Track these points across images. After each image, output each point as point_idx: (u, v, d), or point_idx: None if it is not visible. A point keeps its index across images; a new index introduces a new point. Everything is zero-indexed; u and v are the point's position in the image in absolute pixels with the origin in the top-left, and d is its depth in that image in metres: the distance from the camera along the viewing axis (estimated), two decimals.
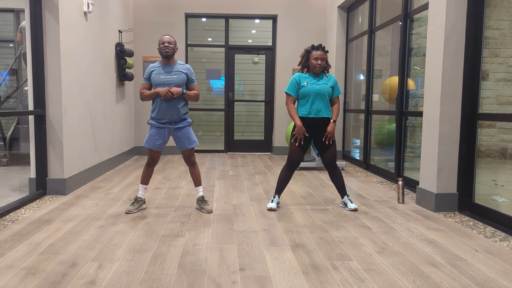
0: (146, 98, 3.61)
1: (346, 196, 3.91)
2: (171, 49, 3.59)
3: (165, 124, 3.63)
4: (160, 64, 3.66)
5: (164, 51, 3.58)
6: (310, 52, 3.76)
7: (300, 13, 7.70)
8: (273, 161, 7.06)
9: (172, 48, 3.60)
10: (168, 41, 3.60)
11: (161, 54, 3.62)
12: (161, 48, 3.60)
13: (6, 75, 6.77)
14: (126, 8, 6.94)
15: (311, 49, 3.77)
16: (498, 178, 4.10)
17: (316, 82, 3.78)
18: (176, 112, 3.61)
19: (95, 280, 2.30)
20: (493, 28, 3.82)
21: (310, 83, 3.76)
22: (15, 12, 7.17)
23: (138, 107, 7.59)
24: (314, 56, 3.72)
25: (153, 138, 3.64)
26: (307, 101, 3.77)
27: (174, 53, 3.65)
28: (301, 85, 3.77)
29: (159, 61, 3.68)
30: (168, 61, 3.64)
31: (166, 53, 3.58)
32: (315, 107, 3.76)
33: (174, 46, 3.63)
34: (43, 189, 4.25)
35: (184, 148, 3.69)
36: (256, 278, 2.36)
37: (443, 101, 3.77)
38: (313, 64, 3.73)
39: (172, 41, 3.63)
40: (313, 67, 3.75)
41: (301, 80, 3.79)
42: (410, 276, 2.40)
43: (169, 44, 3.59)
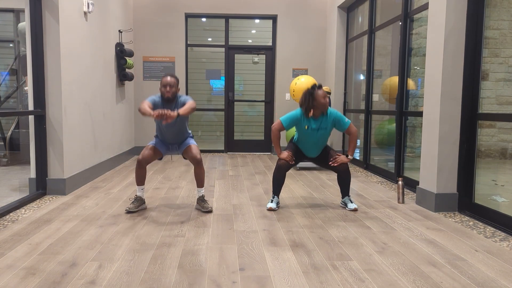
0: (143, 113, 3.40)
1: (347, 196, 3.91)
2: (172, 94, 3.57)
3: (169, 144, 3.81)
4: (161, 101, 3.63)
5: (166, 96, 3.58)
6: (314, 92, 3.67)
7: (300, 13, 7.70)
8: (273, 161, 7.06)
9: (173, 92, 3.58)
10: (170, 84, 3.55)
11: (162, 97, 3.61)
12: (162, 91, 3.59)
13: (6, 75, 6.77)
14: (126, 8, 6.94)
15: (315, 90, 3.67)
16: (498, 178, 4.11)
17: (315, 129, 3.75)
18: (179, 137, 3.76)
19: (95, 280, 2.30)
20: (493, 28, 3.82)
21: (311, 129, 3.75)
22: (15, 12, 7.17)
23: (138, 107, 7.58)
24: (321, 95, 3.66)
25: (158, 144, 3.75)
26: (304, 143, 3.87)
27: (175, 96, 3.62)
28: (301, 126, 3.78)
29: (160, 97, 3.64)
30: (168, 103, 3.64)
31: (167, 97, 3.58)
32: (311, 150, 3.89)
33: (175, 89, 3.59)
34: (43, 189, 4.25)
35: (187, 149, 3.72)
36: (256, 278, 2.36)
37: (443, 101, 3.77)
38: (323, 103, 3.67)
39: (174, 84, 3.58)
40: (323, 106, 3.69)
41: (303, 122, 3.77)
42: (410, 276, 2.40)
43: (171, 87, 3.56)
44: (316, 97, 3.69)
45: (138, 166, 3.68)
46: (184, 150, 3.74)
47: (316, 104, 3.70)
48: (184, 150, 3.75)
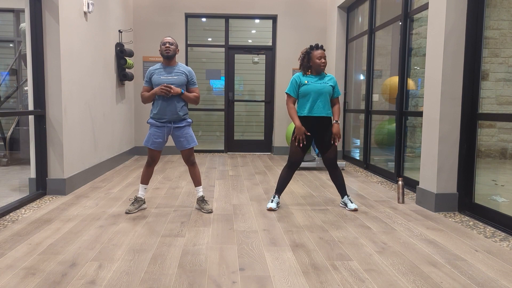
0: (147, 100, 3.62)
1: (346, 196, 3.91)
2: (172, 50, 3.60)
3: (164, 123, 3.64)
4: (161, 65, 3.66)
5: (165, 52, 3.59)
6: (311, 52, 3.77)
7: (300, 13, 7.70)
8: (273, 161, 7.06)
9: (173, 49, 3.61)
10: (170, 41, 3.61)
11: (162, 55, 3.62)
12: (162, 49, 3.61)
13: (6, 75, 6.77)
14: (126, 8, 6.94)
15: (312, 50, 3.77)
16: (498, 178, 4.10)
17: (317, 81, 3.78)
18: (175, 112, 3.62)
19: (95, 280, 2.30)
20: (493, 28, 3.82)
21: (311, 82, 3.77)
22: (15, 12, 7.18)
23: (138, 107, 7.59)
24: (316, 55, 3.73)
25: (153, 137, 3.65)
26: (308, 100, 3.77)
27: (175, 54, 3.65)
28: (302, 83, 3.78)
29: (160, 63, 3.68)
30: (169, 63, 3.64)
31: (167, 54, 3.59)
32: (316, 106, 3.76)
33: (175, 47, 3.63)
34: (43, 189, 4.25)
35: (182, 148, 3.69)
36: (256, 278, 2.36)
37: (443, 101, 3.77)
38: (317, 63, 3.73)
39: (174, 42, 3.64)
40: (318, 66, 3.74)
41: (302, 79, 3.80)
42: (410, 276, 2.40)
43: (171, 45, 3.60)
44: (311, 57, 3.75)
45: (147, 165, 3.72)
46: (179, 145, 3.70)
47: (312, 64, 3.77)
48: (179, 144, 3.70)
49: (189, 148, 3.71)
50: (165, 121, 3.64)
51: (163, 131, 3.66)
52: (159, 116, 3.63)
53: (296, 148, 3.81)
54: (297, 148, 3.80)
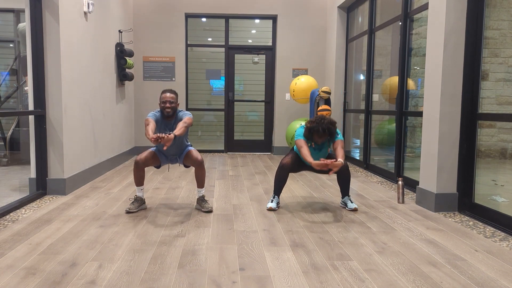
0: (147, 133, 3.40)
1: (347, 196, 3.91)
2: (171, 109, 3.57)
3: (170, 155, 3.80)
4: (161, 117, 3.63)
5: (166, 112, 3.58)
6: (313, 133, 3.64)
7: (300, 13, 7.70)
8: (273, 161, 7.06)
9: (173, 108, 3.58)
10: (170, 100, 3.55)
11: (162, 113, 3.62)
12: (162, 107, 3.58)
13: (6, 75, 6.77)
14: (126, 8, 6.94)
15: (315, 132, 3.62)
16: (498, 178, 4.10)
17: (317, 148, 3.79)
18: (179, 149, 3.75)
19: (95, 280, 2.30)
20: (493, 28, 3.82)
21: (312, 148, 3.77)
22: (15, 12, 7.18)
23: (138, 107, 7.59)
24: (316, 140, 3.68)
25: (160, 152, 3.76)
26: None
27: (175, 112, 3.63)
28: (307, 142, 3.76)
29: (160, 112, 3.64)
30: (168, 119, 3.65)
31: (167, 113, 3.58)
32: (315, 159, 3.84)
33: (175, 105, 3.59)
34: (43, 189, 4.25)
35: (185, 152, 3.75)
36: (256, 278, 2.36)
37: (443, 101, 3.77)
38: (316, 141, 3.70)
39: (174, 100, 3.57)
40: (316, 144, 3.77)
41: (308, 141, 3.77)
42: (410, 276, 2.40)
43: (170, 104, 3.56)
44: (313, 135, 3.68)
45: (135, 167, 3.66)
46: (185, 157, 3.74)
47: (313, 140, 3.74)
48: (184, 157, 3.74)
49: (191, 150, 3.72)
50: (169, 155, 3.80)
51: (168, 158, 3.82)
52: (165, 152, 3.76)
53: (293, 159, 3.82)
54: (294, 160, 3.82)
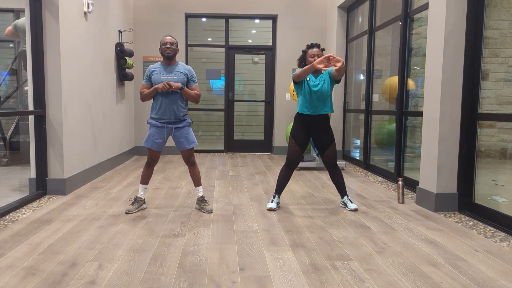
0: (146, 97, 3.62)
1: (346, 196, 3.91)
2: (172, 51, 3.60)
3: (164, 124, 3.64)
4: (161, 64, 3.66)
5: (166, 52, 3.59)
6: (306, 51, 3.75)
7: (300, 13, 7.70)
8: (273, 161, 7.06)
9: (173, 50, 3.61)
10: (170, 42, 3.61)
11: (163, 55, 3.63)
12: (163, 49, 3.61)
13: (6, 75, 6.77)
14: (126, 8, 6.94)
15: (307, 49, 3.75)
16: (498, 178, 4.10)
17: (314, 82, 3.75)
18: (175, 112, 3.62)
19: (95, 280, 2.30)
20: (493, 28, 3.82)
21: (311, 82, 3.74)
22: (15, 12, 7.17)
23: (138, 107, 7.59)
24: (310, 54, 3.70)
25: (152, 137, 3.65)
26: (307, 101, 3.76)
27: (176, 54, 3.66)
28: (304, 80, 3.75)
29: (160, 62, 3.68)
30: (169, 62, 3.65)
31: (167, 54, 3.59)
32: (316, 106, 3.75)
33: (175, 47, 3.64)
34: (43, 189, 4.25)
35: (183, 148, 3.69)
36: (256, 278, 2.36)
37: (443, 101, 3.77)
38: (310, 62, 3.69)
39: (174, 42, 3.64)
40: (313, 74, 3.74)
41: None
42: (410, 276, 2.40)
43: (171, 45, 3.60)
44: (306, 56, 3.72)
45: (147, 166, 3.72)
46: (179, 145, 3.71)
47: (307, 63, 3.72)
48: (179, 145, 3.71)
49: (189, 148, 3.71)
50: (165, 122, 3.64)
51: (163, 131, 3.65)
52: (159, 116, 3.62)
53: (294, 147, 3.80)
54: (295, 147, 3.80)
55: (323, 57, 3.32)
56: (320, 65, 3.28)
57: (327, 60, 3.30)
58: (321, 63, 3.29)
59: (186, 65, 3.72)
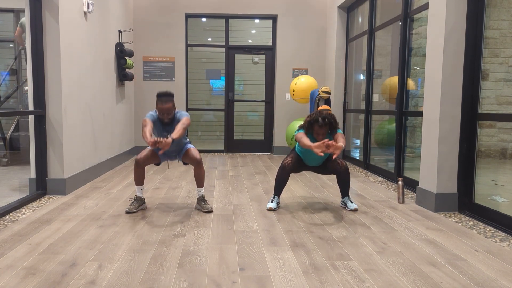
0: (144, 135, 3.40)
1: (347, 196, 3.91)
2: (169, 119, 3.56)
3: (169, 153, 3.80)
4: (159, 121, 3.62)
5: (164, 122, 3.58)
6: (314, 125, 3.60)
7: (300, 13, 7.70)
8: (273, 161, 7.06)
9: (171, 115, 3.55)
10: (167, 112, 3.50)
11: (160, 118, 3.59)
12: (160, 117, 3.55)
13: (6, 75, 6.77)
14: (126, 8, 6.94)
15: (315, 123, 3.58)
16: (498, 178, 4.10)
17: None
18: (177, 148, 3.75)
19: (95, 280, 2.30)
20: (493, 28, 3.82)
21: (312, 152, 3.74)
22: (15, 12, 7.18)
23: (138, 107, 7.59)
24: (316, 131, 3.60)
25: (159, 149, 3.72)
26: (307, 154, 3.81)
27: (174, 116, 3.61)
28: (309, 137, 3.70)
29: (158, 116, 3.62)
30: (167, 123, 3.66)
31: (166, 122, 3.58)
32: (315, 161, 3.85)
33: (172, 111, 3.54)
34: (43, 189, 4.25)
35: (184, 150, 3.74)
36: (256, 278, 2.36)
37: (443, 101, 3.77)
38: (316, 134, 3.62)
39: (171, 109, 3.52)
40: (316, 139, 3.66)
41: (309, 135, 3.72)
42: (410, 276, 2.40)
43: (168, 115, 3.53)
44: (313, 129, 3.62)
45: (136, 166, 3.67)
46: (184, 155, 3.74)
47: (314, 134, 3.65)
48: (183, 155, 3.75)
49: (190, 148, 3.72)
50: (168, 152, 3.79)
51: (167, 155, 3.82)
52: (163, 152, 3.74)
53: (294, 161, 3.81)
54: (294, 162, 3.81)
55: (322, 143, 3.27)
56: (317, 150, 3.28)
57: (326, 147, 3.29)
58: (319, 149, 3.29)
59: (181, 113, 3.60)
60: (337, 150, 3.25)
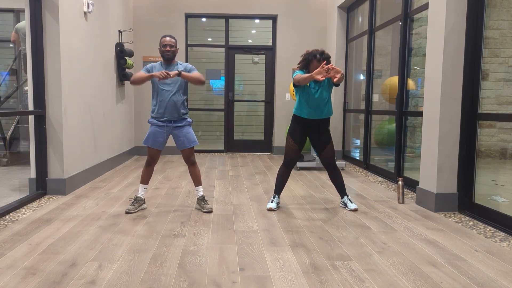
0: (139, 80, 3.46)
1: (346, 196, 3.91)
2: (171, 52, 3.61)
3: (164, 123, 3.65)
4: (161, 65, 3.67)
5: (166, 54, 3.60)
6: (312, 60, 3.64)
7: (300, 13, 7.70)
8: (273, 161, 7.06)
9: (173, 52, 3.62)
10: (170, 44, 3.61)
11: (162, 56, 3.64)
12: (162, 50, 3.62)
13: (6, 75, 6.77)
14: (126, 8, 6.94)
15: (313, 58, 3.63)
16: (498, 178, 4.10)
17: (314, 89, 3.72)
18: (175, 110, 3.63)
19: (95, 280, 2.30)
20: (493, 28, 3.82)
21: (311, 89, 3.71)
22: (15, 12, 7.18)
23: (138, 107, 7.59)
24: (314, 66, 3.62)
25: (153, 136, 3.66)
26: (306, 105, 3.75)
27: (175, 55, 3.67)
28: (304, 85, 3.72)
29: (160, 62, 3.69)
30: (169, 63, 3.66)
31: (167, 56, 3.61)
32: (314, 111, 3.75)
33: (175, 48, 3.64)
34: (43, 189, 4.25)
35: (183, 147, 3.69)
36: (256, 278, 2.36)
37: (443, 101, 3.77)
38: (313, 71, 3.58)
39: (174, 43, 3.64)
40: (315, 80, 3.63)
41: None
42: (410, 276, 2.40)
43: (171, 47, 3.60)
44: (310, 65, 3.64)
45: (147, 165, 3.72)
46: (180, 144, 3.71)
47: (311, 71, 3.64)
48: (179, 144, 3.71)
49: (190, 147, 3.71)
50: (165, 120, 3.64)
51: (163, 130, 3.66)
52: (159, 115, 3.63)
53: (292, 145, 3.80)
54: (293, 146, 3.80)
55: (322, 68, 3.28)
56: (318, 76, 3.28)
57: (326, 71, 3.29)
58: (320, 74, 3.28)
59: (184, 63, 3.72)
60: (337, 73, 3.27)
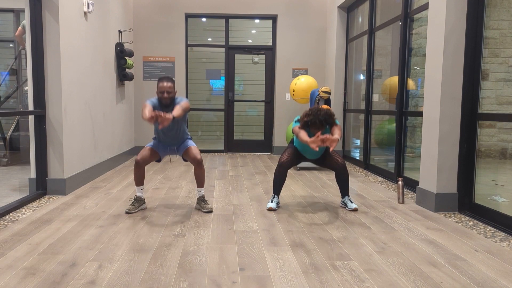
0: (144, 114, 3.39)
1: (347, 196, 3.91)
2: (169, 99, 3.55)
3: (168, 146, 3.78)
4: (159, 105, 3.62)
5: (164, 101, 3.56)
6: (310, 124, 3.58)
7: (300, 13, 7.70)
8: (273, 161, 7.06)
9: (171, 98, 3.56)
10: (167, 90, 3.53)
11: (160, 101, 3.59)
12: (160, 97, 3.56)
13: (6, 75, 6.77)
14: (126, 8, 6.94)
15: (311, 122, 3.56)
16: (498, 178, 4.10)
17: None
18: (177, 140, 3.74)
19: (95, 280, 2.30)
20: (493, 28, 3.82)
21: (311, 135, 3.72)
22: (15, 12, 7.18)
23: (138, 107, 7.59)
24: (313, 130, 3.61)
25: (157, 145, 3.75)
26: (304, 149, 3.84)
27: (173, 100, 3.61)
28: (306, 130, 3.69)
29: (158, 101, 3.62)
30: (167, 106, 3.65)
31: (165, 103, 3.57)
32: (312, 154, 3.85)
33: (173, 94, 3.57)
34: (43, 189, 4.25)
35: (185, 147, 3.72)
36: (256, 278, 2.36)
37: (443, 101, 3.77)
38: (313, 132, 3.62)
39: (171, 88, 3.55)
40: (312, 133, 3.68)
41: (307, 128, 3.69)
42: (410, 276, 2.40)
43: (168, 93, 3.54)
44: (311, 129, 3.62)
45: (136, 167, 3.67)
46: (184, 152, 3.74)
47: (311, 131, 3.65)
48: (184, 152, 3.74)
49: (192, 146, 3.71)
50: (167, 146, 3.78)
51: (167, 150, 3.79)
52: (162, 142, 3.75)
53: (291, 156, 3.83)
54: (291, 155, 3.82)
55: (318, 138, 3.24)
56: (313, 145, 3.27)
57: (322, 141, 3.27)
58: (315, 143, 3.26)
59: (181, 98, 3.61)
60: (333, 143, 3.25)
